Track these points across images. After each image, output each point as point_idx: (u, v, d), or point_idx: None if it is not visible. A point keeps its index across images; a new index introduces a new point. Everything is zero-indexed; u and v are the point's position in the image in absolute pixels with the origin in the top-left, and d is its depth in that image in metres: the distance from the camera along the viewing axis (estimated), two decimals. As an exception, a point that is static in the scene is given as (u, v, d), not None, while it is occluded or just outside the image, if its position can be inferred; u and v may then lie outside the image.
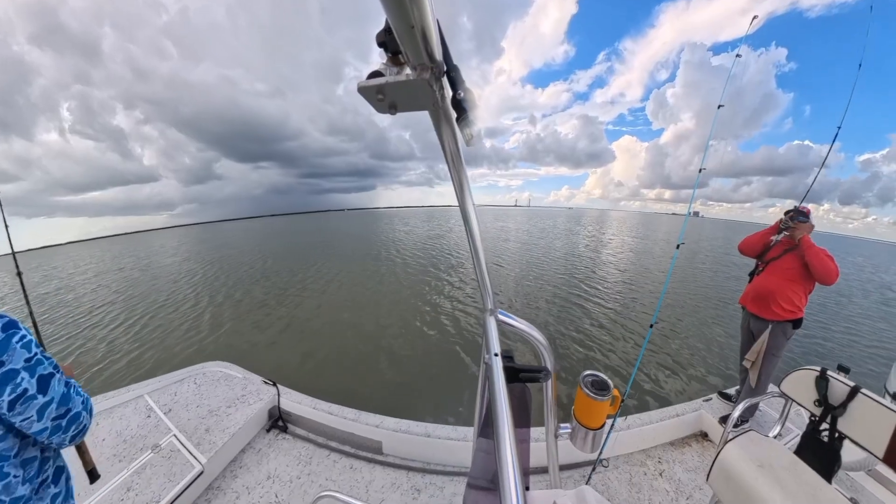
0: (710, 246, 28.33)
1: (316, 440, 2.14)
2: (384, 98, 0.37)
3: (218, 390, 2.39)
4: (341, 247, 22.38)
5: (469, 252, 0.66)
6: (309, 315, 8.16)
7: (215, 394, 2.35)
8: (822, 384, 1.37)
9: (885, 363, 6.25)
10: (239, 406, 2.21)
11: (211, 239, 36.51)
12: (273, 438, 2.16)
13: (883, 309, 11.20)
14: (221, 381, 2.51)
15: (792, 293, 2.20)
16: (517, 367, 0.63)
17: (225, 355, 4.35)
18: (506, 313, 0.73)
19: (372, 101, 0.38)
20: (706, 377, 5.22)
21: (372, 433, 2.07)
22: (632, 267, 15.35)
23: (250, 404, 2.23)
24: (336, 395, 4.47)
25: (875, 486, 1.92)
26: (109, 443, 1.90)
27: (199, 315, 8.63)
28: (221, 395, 2.33)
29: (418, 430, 2.03)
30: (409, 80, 0.36)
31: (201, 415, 2.13)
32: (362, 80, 0.37)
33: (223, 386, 2.45)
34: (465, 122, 0.41)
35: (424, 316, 7.79)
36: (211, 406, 2.21)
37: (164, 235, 59.91)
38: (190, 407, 2.20)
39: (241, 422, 2.06)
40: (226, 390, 2.39)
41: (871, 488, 1.92)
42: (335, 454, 2.05)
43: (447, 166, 0.52)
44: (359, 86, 0.37)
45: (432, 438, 1.99)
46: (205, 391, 2.38)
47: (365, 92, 0.37)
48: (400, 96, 0.38)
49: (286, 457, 2.01)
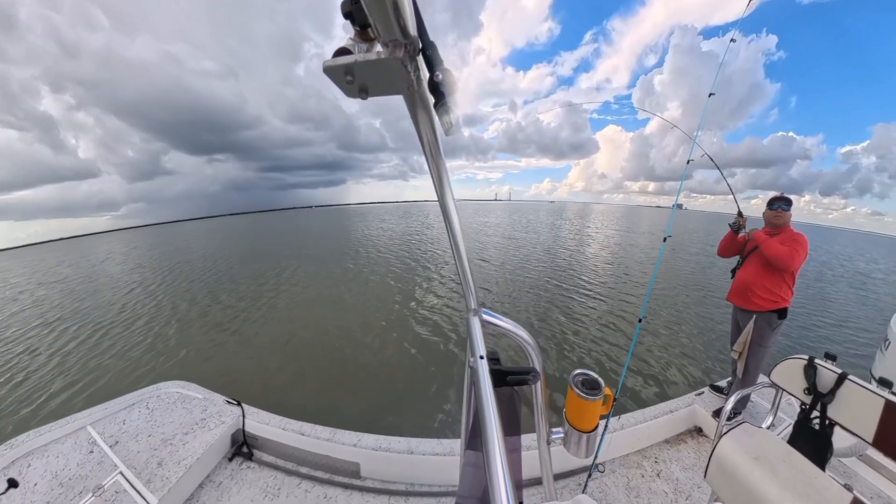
0: (695, 238, 29.72)
1: (285, 467, 2.06)
2: (353, 80, 0.35)
3: (174, 414, 2.27)
4: (310, 248, 21.91)
5: (450, 249, 0.65)
6: (278, 325, 7.93)
7: (170, 419, 2.22)
8: (810, 372, 1.46)
9: (871, 348, 6.76)
10: (198, 432, 2.10)
11: (164, 243, 34.83)
12: (236, 468, 2.06)
13: (859, 293, 12.09)
14: (178, 403, 2.39)
15: (770, 283, 2.36)
16: (504, 370, 0.62)
17: (184, 374, 4.14)
18: (490, 312, 0.73)
19: (340, 84, 0.36)
20: (697, 370, 5.46)
21: (349, 454, 2.02)
22: (617, 261, 15.87)
23: (211, 429, 2.12)
24: (309, 413, 4.38)
25: (867, 471, 2.08)
26: (42, 488, 1.72)
27: (155, 330, 8.20)
28: (178, 420, 2.21)
29: (400, 446, 2.00)
30: (380, 59, 0.34)
31: (154, 445, 1.99)
32: (328, 59, 0.35)
33: (180, 409, 2.33)
34: (443, 108, 0.40)
35: (405, 320, 7.75)
36: (165, 434, 2.08)
37: (109, 240, 56.18)
38: (140, 437, 2.07)
39: (200, 451, 1.95)
40: (183, 414, 2.27)
41: (863, 473, 2.08)
42: (307, 482, 1.98)
43: (425, 158, 0.51)
44: (324, 65, 0.35)
45: (416, 455, 1.97)
46: (159, 417, 2.25)
47: (332, 73, 0.35)
48: (371, 78, 0.36)
49: (251, 489, 1.92)
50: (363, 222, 47.19)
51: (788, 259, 2.24)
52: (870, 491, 2.01)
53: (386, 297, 9.80)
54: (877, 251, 37.38)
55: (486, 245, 20.78)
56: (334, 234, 31.97)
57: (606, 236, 27.96)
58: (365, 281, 11.94)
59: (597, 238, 26.41)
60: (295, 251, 20.44)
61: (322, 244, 23.94)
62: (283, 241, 27.53)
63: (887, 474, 2.04)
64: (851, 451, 1.88)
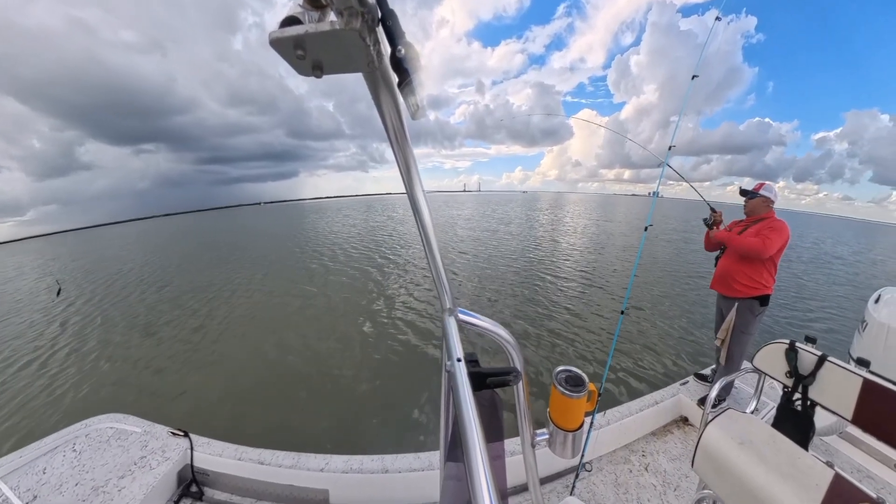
0: (673, 227, 31.49)
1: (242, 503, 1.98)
2: (305, 55, 0.33)
3: (107, 455, 2.10)
4: (261, 250, 21.08)
5: (421, 246, 0.65)
6: (230, 341, 7.58)
7: (103, 461, 2.04)
8: (791, 356, 1.61)
9: (849, 329, 7.48)
10: (136, 473, 1.95)
11: (86, 253, 31.97)
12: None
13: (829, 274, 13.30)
14: (113, 441, 2.22)
15: (751, 271, 2.55)
16: (484, 372, 0.63)
17: (120, 405, 3.84)
18: (467, 312, 0.73)
19: (290, 60, 0.34)
20: (683, 359, 5.81)
21: (316, 480, 1.97)
22: (595, 252, 16.50)
23: (153, 468, 1.98)
24: (269, 439, 4.24)
25: (847, 447, 2.34)
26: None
27: (83, 357, 7.58)
28: (112, 462, 2.03)
29: (373, 465, 1.98)
30: (334, 30, 0.32)
31: (82, 496, 1.81)
32: (275, 30, 0.33)
33: (115, 448, 2.16)
34: (408, 89, 0.38)
35: (373, 325, 7.67)
36: (97, 480, 1.90)
37: (15, 251, 50.94)
38: (66, 487, 1.87)
39: (140, 496, 1.81)
40: (118, 454, 2.11)
41: (844, 450, 2.34)
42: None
43: (390, 145, 0.50)
44: (271, 37, 0.33)
45: (391, 474, 1.95)
46: (88, 460, 2.06)
47: (280, 46, 0.33)
48: (325, 53, 0.34)
49: None
50: (321, 219, 46.06)
51: (760, 248, 2.43)
52: (850, 466, 2.25)
53: (351, 300, 9.65)
54: (848, 234, 41.42)
55: (460, 239, 20.93)
56: (288, 233, 30.97)
57: (584, 227, 29.03)
58: (326, 284, 11.68)
59: (573, 229, 27.33)
60: (244, 255, 19.60)
61: (274, 245, 23.13)
62: (229, 243, 26.35)
63: (866, 449, 2.29)
64: (832, 429, 2.12)
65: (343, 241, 22.98)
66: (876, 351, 2.55)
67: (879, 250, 26.13)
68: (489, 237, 21.94)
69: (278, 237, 28.41)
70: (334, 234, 26.95)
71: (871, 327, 2.66)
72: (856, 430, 1.74)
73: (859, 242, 30.01)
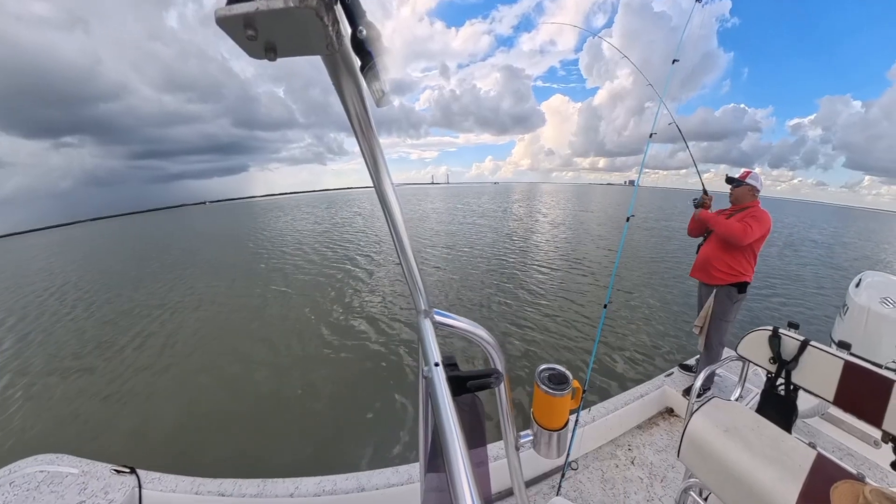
0: (653, 216, 32.92)
1: None
2: (257, 35, 0.32)
3: (38, 503, 1.97)
4: (211, 256, 20.19)
5: (392, 244, 0.64)
6: (179, 361, 7.23)
7: None
8: (774, 342, 1.74)
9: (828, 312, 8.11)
10: None
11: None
12: None
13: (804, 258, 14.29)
14: (44, 486, 2.06)
15: (729, 258, 2.72)
16: (464, 375, 0.64)
17: (51, 444, 3.59)
18: (443, 313, 0.73)
19: (240, 41, 0.32)
20: (668, 350, 6.10)
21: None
22: (575, 243, 16.99)
23: None
24: (230, 466, 4.10)
25: (829, 428, 2.57)
26: None
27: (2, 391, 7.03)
28: None
29: (348, 484, 1.96)
30: (288, 7, 0.30)
31: None
32: (222, 7, 0.31)
33: (47, 494, 2.00)
34: (372, 73, 0.38)
35: (341, 332, 7.56)
36: None
37: None
38: None
39: None
40: (52, 501, 1.97)
41: (825, 430, 2.57)
42: None
43: (354, 135, 0.49)
44: (217, 15, 0.31)
45: (368, 492, 1.94)
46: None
47: (227, 25, 0.31)
48: (280, 34, 0.32)
49: None
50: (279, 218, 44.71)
51: (741, 235, 2.58)
52: (832, 445, 2.47)
53: (317, 307, 9.45)
54: (823, 219, 44.78)
55: (434, 233, 20.99)
56: (238, 234, 29.86)
57: (561, 218, 29.83)
58: (288, 291, 11.38)
59: (551, 221, 28.01)
60: (189, 262, 18.74)
61: (226, 250, 22.27)
62: (175, 248, 25.02)
63: (847, 428, 2.52)
64: (814, 411, 2.33)
65: (307, 240, 22.45)
66: (856, 333, 2.77)
67: (852, 234, 28.71)
68: (463, 231, 22.09)
69: (230, 240, 27.35)
70: (298, 231, 26.33)
71: (852, 311, 2.89)
72: (837, 410, 1.91)
73: (834, 227, 32.64)
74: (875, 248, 22.08)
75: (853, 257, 17.20)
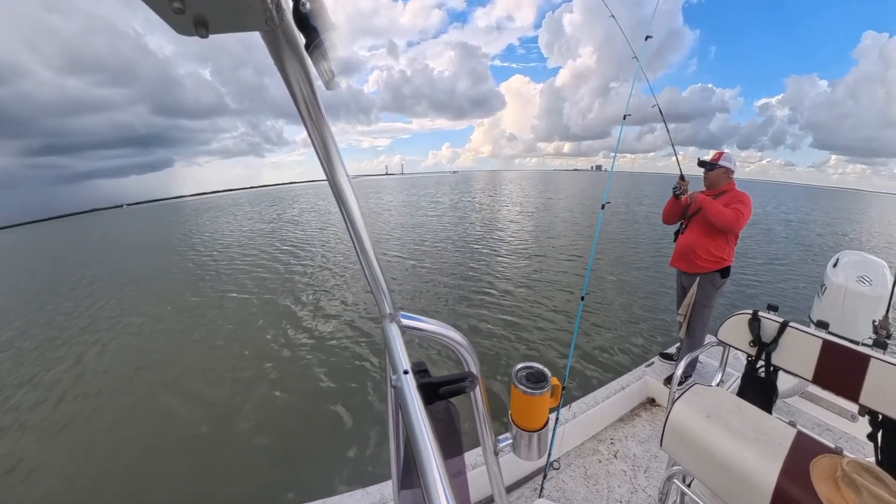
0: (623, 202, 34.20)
1: None
2: (184, 8, 0.30)
3: None
4: (133, 269, 19.10)
5: (350, 243, 0.63)
6: (107, 390, 6.82)
7: None
8: (754, 325, 1.86)
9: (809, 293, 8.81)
10: None
11: None
12: None
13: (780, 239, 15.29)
14: None
15: (712, 245, 2.86)
16: (435, 381, 0.64)
17: None
18: (410, 315, 0.73)
19: (164, 14, 0.30)
20: (647, 340, 6.39)
21: None
22: (546, 233, 17.41)
23: None
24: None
25: (808, 406, 2.82)
26: None
27: None
28: None
29: None
30: None
31: None
32: None
33: None
34: (319, 52, 0.37)
35: (293, 346, 7.40)
36: None
37: None
38: None
39: None
40: None
41: (805, 408, 2.82)
42: None
43: (302, 122, 0.47)
44: None
45: None
46: None
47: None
48: (212, 7, 0.31)
49: None
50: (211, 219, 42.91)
51: (734, 221, 2.72)
52: (811, 422, 2.71)
53: (268, 317, 9.17)
54: (792, 200, 48.11)
55: (392, 228, 20.85)
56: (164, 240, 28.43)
57: (529, 207, 30.46)
58: (223, 302, 10.96)
59: (519, 210, 28.54)
60: (107, 278, 17.63)
61: (149, 261, 21.05)
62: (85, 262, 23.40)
63: (825, 405, 2.76)
64: (794, 390, 2.55)
65: (239, 240, 21.70)
66: (834, 312, 3.00)
67: (823, 214, 31.19)
68: (425, 223, 22.08)
69: (154, 249, 25.94)
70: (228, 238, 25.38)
71: (830, 290, 3.12)
72: (816, 388, 2.07)
73: (804, 207, 35.44)
74: (847, 226, 24.10)
75: (828, 236, 18.60)
